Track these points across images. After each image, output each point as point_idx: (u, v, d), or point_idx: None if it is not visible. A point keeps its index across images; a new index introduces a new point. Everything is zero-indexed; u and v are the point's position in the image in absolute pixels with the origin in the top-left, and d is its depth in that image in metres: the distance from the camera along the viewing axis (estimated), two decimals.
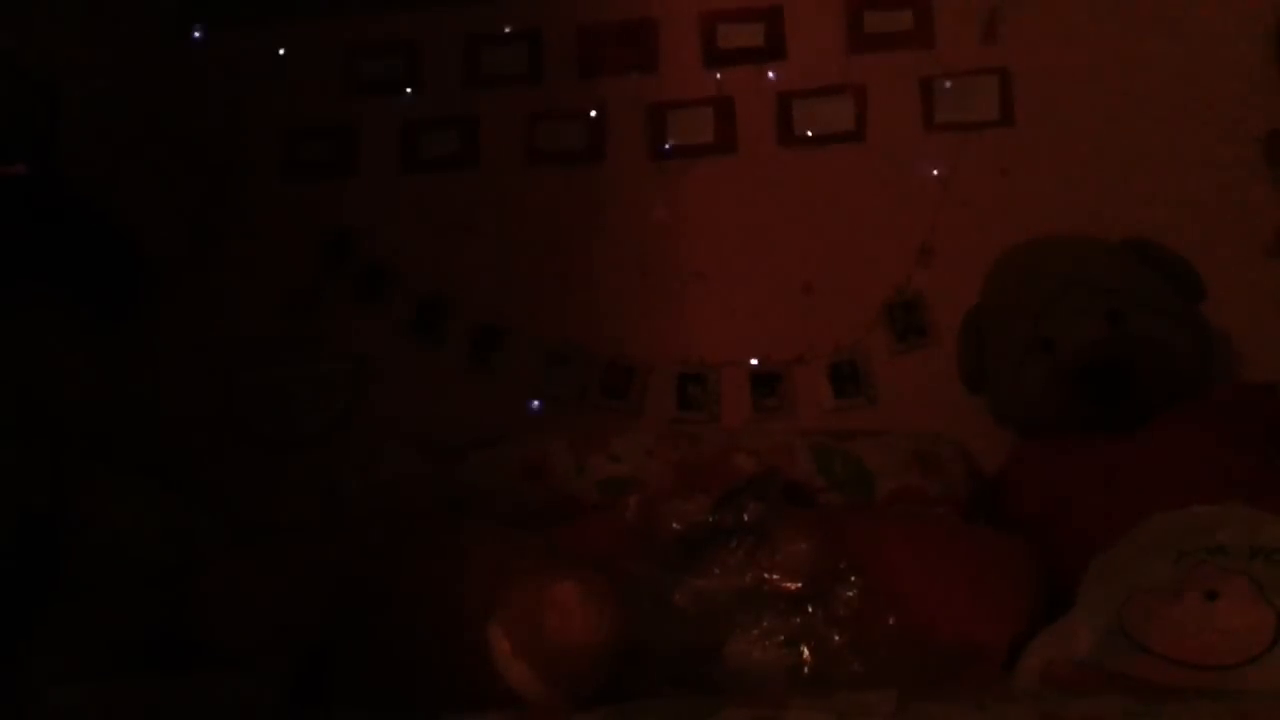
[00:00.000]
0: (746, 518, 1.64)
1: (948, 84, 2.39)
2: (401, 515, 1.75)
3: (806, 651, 1.36)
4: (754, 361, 2.36)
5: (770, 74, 2.46)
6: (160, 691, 1.47)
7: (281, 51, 2.64)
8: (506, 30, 2.58)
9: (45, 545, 0.84)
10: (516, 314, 2.45)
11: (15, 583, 0.81)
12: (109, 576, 1.74)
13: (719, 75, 2.49)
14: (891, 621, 1.46)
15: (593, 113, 2.51)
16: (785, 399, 2.34)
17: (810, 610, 1.45)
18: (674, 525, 1.65)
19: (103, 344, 0.73)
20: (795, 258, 2.39)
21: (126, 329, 0.72)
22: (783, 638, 1.38)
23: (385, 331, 2.49)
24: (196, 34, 2.68)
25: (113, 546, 1.76)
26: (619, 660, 1.26)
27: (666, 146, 2.47)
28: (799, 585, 1.51)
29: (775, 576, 1.54)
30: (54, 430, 0.72)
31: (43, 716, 0.83)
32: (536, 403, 2.41)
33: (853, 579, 1.51)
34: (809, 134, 2.42)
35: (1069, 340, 1.98)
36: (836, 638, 1.40)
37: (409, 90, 2.59)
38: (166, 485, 2.10)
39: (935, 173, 2.37)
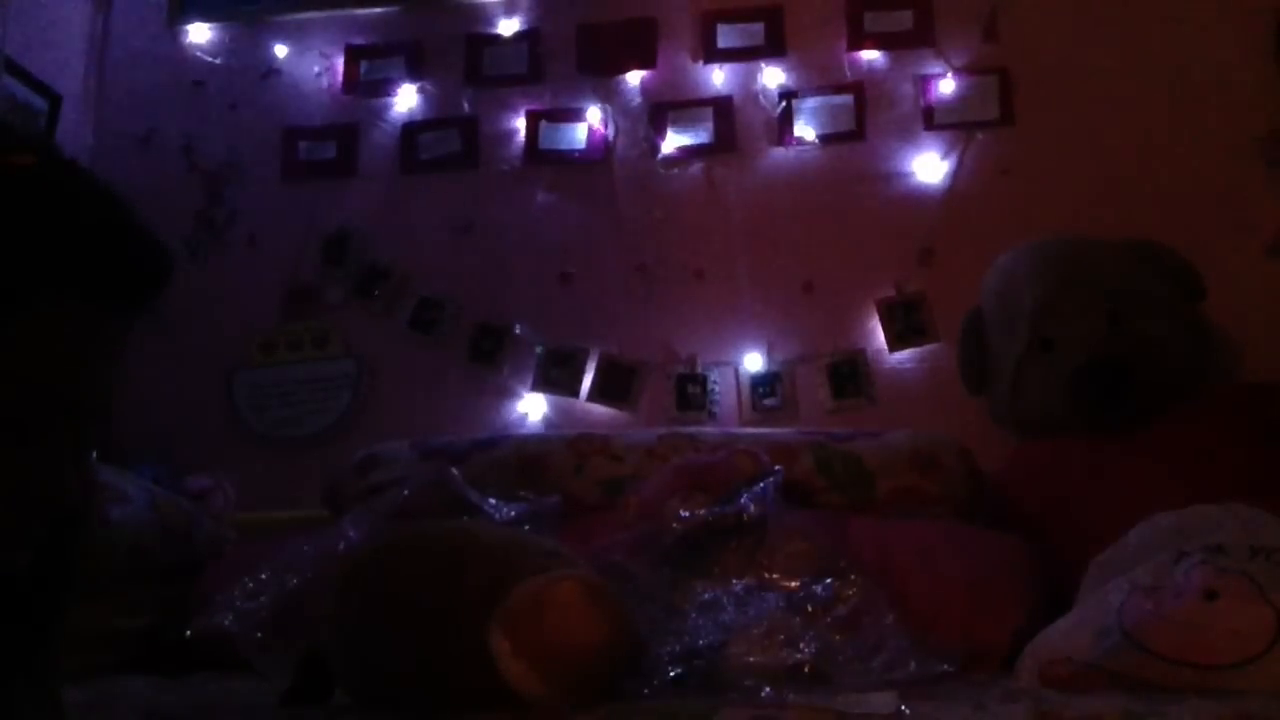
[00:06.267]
0: (746, 518, 1.64)
1: (947, 84, 2.39)
2: (402, 515, 1.75)
3: (806, 651, 1.36)
4: (754, 361, 2.36)
5: (770, 73, 2.47)
6: (161, 692, 1.47)
7: (281, 51, 2.65)
8: (506, 30, 2.58)
9: (71, 545, 0.84)
10: (516, 314, 2.46)
11: (43, 583, 0.81)
12: (110, 576, 1.74)
13: (719, 74, 2.49)
14: (891, 621, 1.45)
15: (592, 112, 2.51)
16: (785, 399, 2.34)
17: (810, 610, 1.45)
18: (674, 525, 1.64)
19: (117, 342, 0.73)
20: (795, 258, 2.39)
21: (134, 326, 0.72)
22: (783, 637, 1.38)
23: (385, 331, 2.50)
24: (197, 33, 2.69)
25: (113, 546, 1.76)
26: (619, 660, 1.26)
27: (666, 147, 2.47)
28: (799, 585, 1.51)
29: (775, 576, 1.54)
30: (77, 429, 0.71)
31: (55, 716, 0.83)
32: (536, 402, 2.42)
33: (853, 579, 1.51)
34: (809, 134, 2.42)
35: (1069, 340, 1.97)
36: (836, 638, 1.40)
37: (409, 90, 2.59)
38: (167, 485, 2.10)
39: (935, 173, 2.37)
